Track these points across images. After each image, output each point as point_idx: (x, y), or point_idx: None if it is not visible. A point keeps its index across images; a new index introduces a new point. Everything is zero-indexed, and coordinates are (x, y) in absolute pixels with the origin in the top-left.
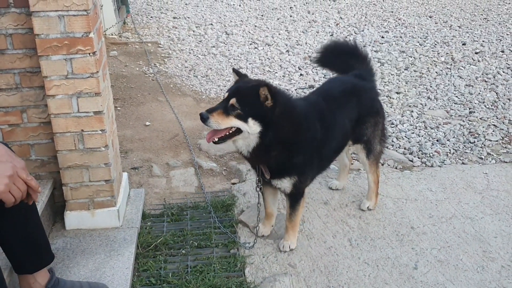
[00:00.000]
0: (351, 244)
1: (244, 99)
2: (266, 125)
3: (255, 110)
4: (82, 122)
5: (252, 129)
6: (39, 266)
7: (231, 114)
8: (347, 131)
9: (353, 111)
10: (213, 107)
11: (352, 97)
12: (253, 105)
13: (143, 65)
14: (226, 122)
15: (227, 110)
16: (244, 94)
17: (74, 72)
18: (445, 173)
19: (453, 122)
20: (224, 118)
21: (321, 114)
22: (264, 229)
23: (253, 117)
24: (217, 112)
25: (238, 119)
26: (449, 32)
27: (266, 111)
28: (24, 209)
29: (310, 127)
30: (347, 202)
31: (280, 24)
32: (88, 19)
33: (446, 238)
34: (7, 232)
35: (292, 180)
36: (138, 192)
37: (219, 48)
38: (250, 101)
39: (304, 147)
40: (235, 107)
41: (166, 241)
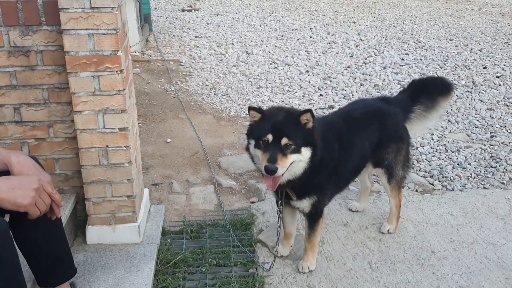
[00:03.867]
0: (371, 267)
1: (292, 133)
2: (313, 147)
3: (302, 138)
4: (107, 138)
5: (305, 156)
6: (62, 279)
7: (288, 152)
8: (365, 153)
9: (373, 134)
10: (271, 155)
11: (374, 120)
12: (300, 134)
13: (164, 82)
14: (287, 162)
15: (283, 151)
16: (290, 128)
17: (101, 89)
18: (466, 198)
19: (474, 146)
20: (285, 159)
21: (339, 134)
22: (283, 249)
23: (304, 145)
24: (279, 159)
25: (294, 154)
26: (470, 56)
27: (308, 135)
28: (50, 222)
29: (329, 147)
30: (367, 224)
31: (300, 44)
32: (117, 38)
33: (467, 263)
34: (32, 245)
35: (312, 200)
36: (158, 208)
37: (240, 67)
38: (296, 132)
39: (324, 167)
40: (289, 144)
41: (185, 258)
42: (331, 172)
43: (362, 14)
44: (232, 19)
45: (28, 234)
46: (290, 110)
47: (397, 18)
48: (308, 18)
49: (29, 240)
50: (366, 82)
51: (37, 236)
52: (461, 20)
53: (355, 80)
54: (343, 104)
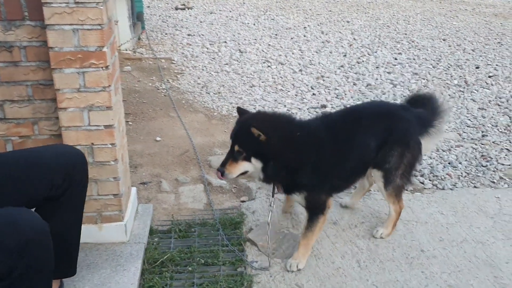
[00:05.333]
0: (359, 265)
1: (244, 142)
2: (266, 159)
3: (254, 149)
4: (93, 135)
5: (255, 166)
6: (62, 275)
7: (239, 159)
8: (369, 152)
9: (379, 134)
10: (224, 159)
11: (382, 121)
12: (252, 144)
13: (156, 80)
14: (237, 169)
15: (235, 157)
16: (242, 137)
17: (87, 86)
18: (457, 197)
19: (465, 145)
20: (235, 165)
21: (331, 136)
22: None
23: (255, 156)
24: (229, 163)
25: (245, 161)
26: (463, 55)
27: (263, 146)
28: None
29: (309, 151)
30: (357, 223)
31: (294, 43)
32: (102, 34)
33: (456, 262)
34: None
35: (302, 194)
36: (146, 207)
37: (232, 65)
38: (249, 142)
39: (307, 169)
40: (240, 152)
41: (172, 257)
42: (321, 172)
43: (356, 13)
44: (225, 18)
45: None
46: (249, 122)
47: (391, 17)
48: (302, 17)
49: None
50: (359, 82)
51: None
52: (455, 20)
53: (348, 80)
54: (336, 104)
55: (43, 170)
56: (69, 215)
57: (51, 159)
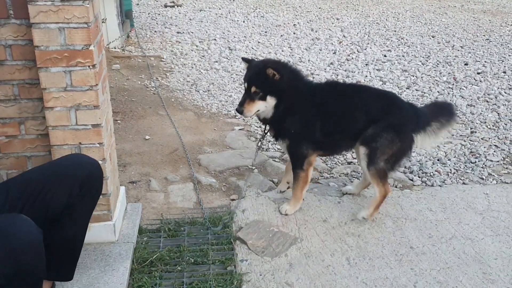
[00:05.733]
0: (349, 263)
1: (260, 82)
2: (279, 96)
3: (270, 87)
4: (80, 134)
5: (270, 103)
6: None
7: (256, 98)
8: (355, 124)
9: (373, 111)
10: (242, 100)
11: (381, 101)
12: (267, 84)
13: (145, 79)
14: (255, 107)
15: (252, 97)
16: (258, 78)
17: (73, 85)
18: (446, 193)
19: (454, 142)
20: (252, 104)
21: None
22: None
23: (270, 94)
24: (247, 103)
25: (261, 100)
26: (452, 52)
27: (277, 85)
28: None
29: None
30: (346, 220)
31: (284, 41)
32: (88, 32)
33: (445, 259)
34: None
35: (286, 143)
36: (135, 206)
37: (222, 63)
38: (264, 82)
39: (296, 115)
40: (257, 92)
41: (162, 257)
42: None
43: (346, 10)
44: (215, 15)
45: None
46: (266, 64)
47: (380, 14)
48: (292, 14)
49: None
50: (348, 79)
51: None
52: (444, 17)
53: (338, 77)
54: None
55: (62, 180)
56: (81, 221)
57: (69, 169)
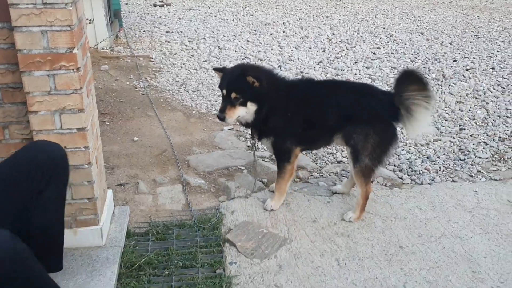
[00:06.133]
0: (338, 264)
1: (240, 89)
2: (260, 102)
3: (250, 93)
4: (65, 138)
5: (250, 109)
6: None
7: (236, 104)
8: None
9: (347, 107)
10: (222, 106)
11: (353, 97)
12: (247, 90)
13: (133, 79)
14: (235, 113)
15: (232, 103)
16: (238, 85)
17: (57, 88)
18: (435, 191)
19: (443, 139)
20: (233, 110)
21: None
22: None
23: (251, 100)
24: (228, 109)
25: (241, 106)
26: (440, 49)
27: (256, 91)
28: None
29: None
30: (336, 220)
31: (273, 39)
32: (72, 35)
33: (435, 258)
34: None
35: (270, 140)
36: (123, 209)
37: (211, 62)
38: (244, 88)
39: (278, 115)
40: (238, 98)
41: (150, 260)
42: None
43: (335, 8)
44: (204, 14)
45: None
46: (245, 72)
47: (369, 12)
48: (282, 12)
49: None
50: (337, 77)
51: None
52: (432, 14)
53: (327, 75)
54: None
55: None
56: (53, 208)
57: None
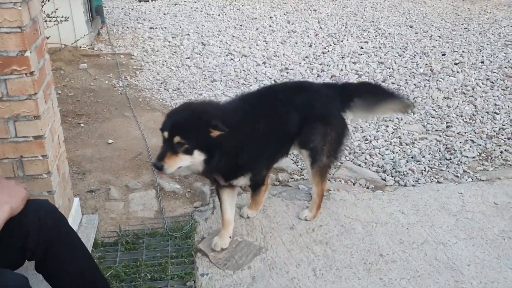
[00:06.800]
0: (315, 274)
1: (186, 133)
2: (211, 151)
3: (198, 141)
4: (21, 147)
5: (197, 159)
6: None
7: (179, 151)
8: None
9: (297, 109)
10: (161, 152)
11: (299, 95)
12: (197, 136)
13: (113, 78)
14: (177, 163)
15: (174, 149)
16: (185, 128)
17: (10, 94)
18: (419, 194)
19: (429, 138)
20: (174, 158)
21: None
22: (221, 241)
23: (198, 148)
24: (167, 157)
25: (185, 154)
26: (429, 42)
27: (210, 138)
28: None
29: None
30: (314, 226)
31: (259, 34)
32: (22, 37)
33: (416, 266)
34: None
35: (248, 176)
36: (91, 218)
37: (194, 59)
38: (193, 134)
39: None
40: (181, 143)
41: (117, 273)
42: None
43: (323, 1)
44: (190, 9)
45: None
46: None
47: (358, 5)
48: (269, 6)
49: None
50: (323, 73)
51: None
52: (422, 6)
53: (313, 71)
54: None
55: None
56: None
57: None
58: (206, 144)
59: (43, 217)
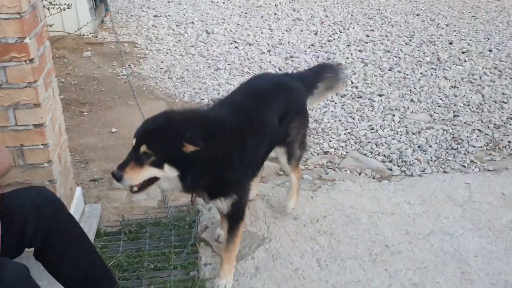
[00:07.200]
0: (319, 265)
1: (156, 144)
2: (184, 166)
3: (170, 153)
4: (21, 136)
5: (169, 174)
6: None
7: (145, 163)
8: (276, 127)
9: (281, 107)
10: (124, 161)
11: (279, 94)
12: (167, 148)
13: (116, 66)
14: (141, 175)
15: (140, 159)
16: (155, 138)
17: (9, 82)
18: (425, 184)
19: (436, 127)
20: (138, 170)
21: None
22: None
23: (169, 162)
24: (130, 167)
25: (153, 167)
26: (436, 31)
27: (183, 152)
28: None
29: (233, 146)
30: (319, 217)
31: (264, 22)
32: (22, 23)
33: (422, 257)
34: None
35: (230, 200)
36: (93, 207)
37: (198, 48)
38: (163, 144)
39: (233, 167)
40: (148, 154)
41: (120, 263)
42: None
43: None
44: None
45: (56, 259)
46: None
47: None
48: None
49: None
50: (329, 61)
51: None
52: None
53: (318, 59)
54: None
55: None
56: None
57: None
58: (179, 158)
59: (41, 206)
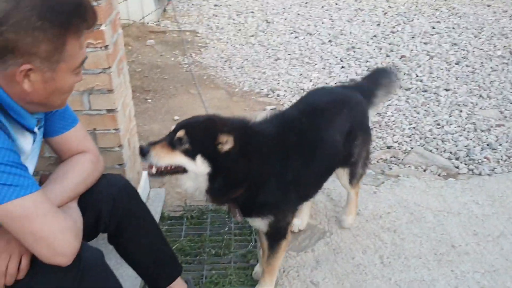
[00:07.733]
0: (382, 262)
1: (194, 132)
2: (216, 166)
3: (204, 147)
4: (95, 120)
5: (199, 169)
6: (169, 280)
7: (178, 148)
8: (338, 147)
9: (344, 124)
10: (156, 140)
11: (343, 108)
12: (204, 141)
13: (178, 55)
14: (169, 158)
15: (173, 143)
16: (194, 128)
17: (85, 67)
18: (495, 183)
19: (507, 125)
20: (168, 152)
21: (299, 135)
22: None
23: (203, 155)
24: (160, 145)
25: (184, 155)
26: (509, 23)
27: (218, 152)
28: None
29: (277, 162)
30: (382, 213)
31: (325, 12)
32: (99, 10)
33: (491, 260)
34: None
35: (267, 220)
36: (158, 192)
37: (258, 37)
38: (200, 136)
39: (272, 185)
40: (183, 141)
41: (182, 247)
42: (289, 185)
43: None
44: None
45: (129, 244)
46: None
47: None
48: None
49: (131, 250)
50: (392, 53)
51: (138, 245)
52: None
53: (381, 51)
54: None
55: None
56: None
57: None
58: (213, 155)
59: (116, 194)
